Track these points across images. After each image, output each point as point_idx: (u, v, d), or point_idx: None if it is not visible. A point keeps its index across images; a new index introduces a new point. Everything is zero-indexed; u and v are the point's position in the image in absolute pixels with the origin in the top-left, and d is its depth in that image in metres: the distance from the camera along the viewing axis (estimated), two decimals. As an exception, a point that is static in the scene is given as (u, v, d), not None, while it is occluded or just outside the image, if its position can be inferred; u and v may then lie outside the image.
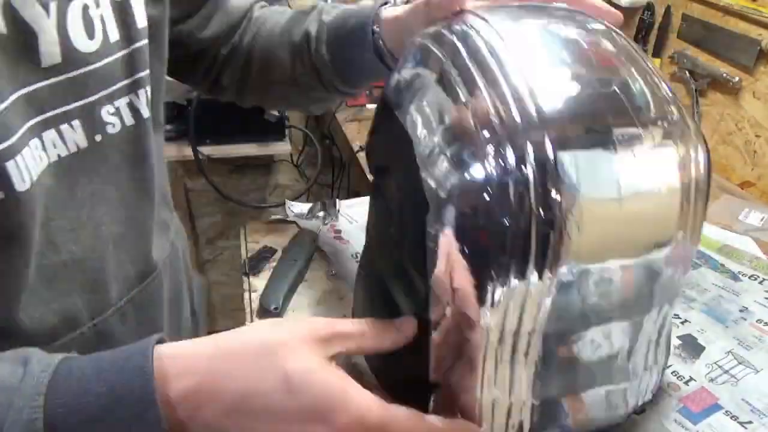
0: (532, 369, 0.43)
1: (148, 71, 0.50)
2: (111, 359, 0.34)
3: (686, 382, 0.57)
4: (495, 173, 0.37)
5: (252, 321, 0.68)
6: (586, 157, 0.38)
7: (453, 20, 0.46)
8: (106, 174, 0.47)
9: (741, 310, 0.67)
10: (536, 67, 0.40)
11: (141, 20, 0.48)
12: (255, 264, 0.75)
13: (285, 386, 0.34)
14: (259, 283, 0.72)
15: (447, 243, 0.39)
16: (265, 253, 0.76)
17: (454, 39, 0.43)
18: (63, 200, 0.44)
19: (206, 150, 1.57)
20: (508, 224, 0.37)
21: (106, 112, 0.46)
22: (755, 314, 0.66)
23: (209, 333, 0.39)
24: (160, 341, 0.36)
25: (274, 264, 0.74)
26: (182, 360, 0.35)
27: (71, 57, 0.42)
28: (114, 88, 0.46)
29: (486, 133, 0.38)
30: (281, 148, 1.71)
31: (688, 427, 0.53)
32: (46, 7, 0.40)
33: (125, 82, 0.47)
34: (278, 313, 0.64)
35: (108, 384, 0.33)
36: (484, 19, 0.44)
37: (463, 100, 0.40)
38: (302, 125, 1.82)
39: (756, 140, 1.09)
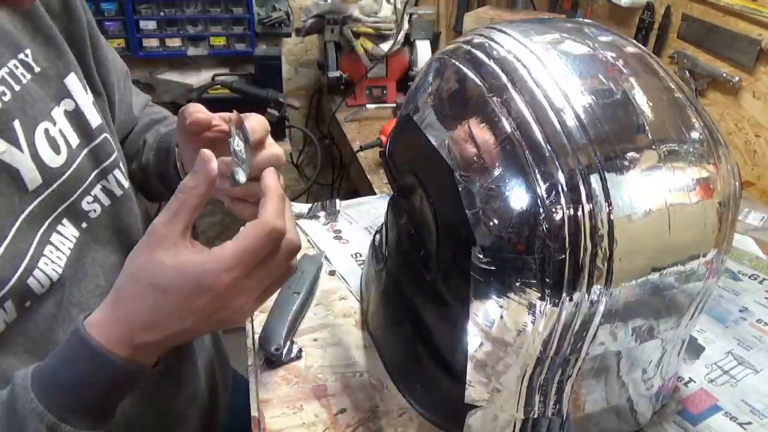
0: (569, 387, 0.44)
1: (114, 156, 0.59)
2: (60, 354, 0.44)
3: (686, 384, 0.57)
4: (546, 200, 0.37)
5: (252, 321, 0.68)
6: (632, 176, 0.37)
7: (477, 36, 0.45)
8: (102, 249, 0.57)
9: (741, 310, 0.67)
10: (569, 86, 0.39)
11: (95, 120, 0.57)
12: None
13: (156, 289, 0.42)
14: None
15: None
16: (265, 254, 0.76)
17: (484, 58, 0.42)
18: (82, 280, 0.55)
19: (206, 150, 1.57)
20: (562, 252, 0.37)
21: (86, 203, 0.56)
22: (755, 314, 0.66)
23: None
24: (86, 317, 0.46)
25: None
26: (100, 319, 0.44)
27: (49, 175, 0.51)
28: (87, 182, 0.56)
29: (531, 158, 0.37)
30: (281, 148, 1.71)
31: (687, 428, 0.53)
32: (18, 146, 0.49)
33: (94, 173, 0.57)
34: (279, 354, 0.59)
35: (69, 362, 0.44)
36: (512, 36, 0.43)
37: (506, 125, 0.39)
38: (302, 125, 1.82)
39: (756, 140, 1.09)
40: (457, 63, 0.43)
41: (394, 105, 1.54)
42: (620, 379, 0.46)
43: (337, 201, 0.87)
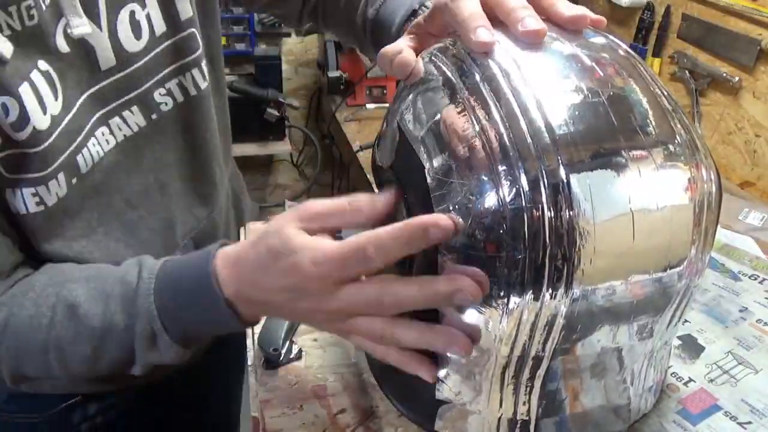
0: (539, 384, 0.44)
1: (197, 54, 0.58)
2: (187, 273, 0.46)
3: (685, 383, 0.57)
4: (508, 200, 0.37)
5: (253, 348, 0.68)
6: (597, 179, 0.37)
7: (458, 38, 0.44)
8: (165, 144, 0.58)
9: (741, 310, 0.67)
10: (543, 88, 0.39)
11: (185, 12, 0.56)
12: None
13: (271, 260, 0.42)
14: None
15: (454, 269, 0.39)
16: (265, 254, 0.76)
17: (465, 57, 0.42)
18: (133, 170, 0.56)
19: (206, 150, 1.57)
20: (521, 252, 0.37)
21: (158, 94, 0.56)
22: (755, 314, 0.66)
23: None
24: (222, 245, 0.47)
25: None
26: (228, 264, 0.45)
27: (123, 58, 0.52)
28: (163, 74, 0.55)
29: (498, 159, 0.38)
30: (281, 147, 1.71)
31: (687, 427, 0.53)
32: (98, 23, 0.49)
33: (172, 67, 0.56)
34: (279, 354, 0.59)
35: (186, 283, 0.46)
36: (495, 35, 0.43)
37: (475, 125, 0.39)
38: (302, 125, 1.82)
39: (756, 140, 1.09)
40: (437, 61, 0.44)
41: (394, 105, 1.54)
42: (613, 378, 0.46)
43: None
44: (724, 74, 1.10)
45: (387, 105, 1.54)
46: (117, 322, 0.46)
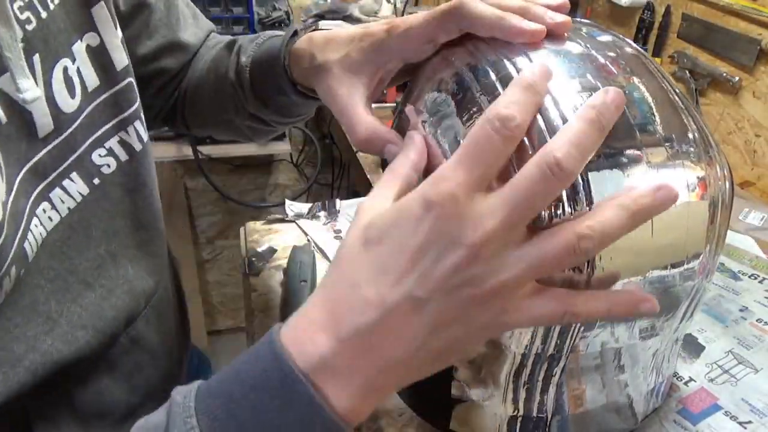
0: (554, 382, 0.44)
1: (136, 105, 0.52)
2: (242, 361, 0.33)
3: (686, 383, 0.57)
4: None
5: (253, 321, 0.68)
6: (615, 176, 0.37)
7: (471, 40, 0.43)
8: (112, 210, 0.51)
9: (741, 310, 0.67)
10: (559, 86, 0.39)
11: (121, 61, 0.50)
12: (255, 263, 0.75)
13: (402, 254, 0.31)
14: (259, 282, 0.72)
15: None
16: (265, 253, 0.76)
17: (479, 56, 0.42)
18: (82, 245, 0.48)
19: (206, 149, 1.57)
20: None
21: (98, 156, 0.49)
22: (755, 314, 0.66)
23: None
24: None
25: (273, 266, 0.74)
26: (301, 334, 0.33)
27: (60, 120, 0.45)
28: (100, 132, 0.49)
29: (514, 157, 0.37)
30: (281, 147, 1.71)
31: (687, 427, 0.53)
32: (35, 84, 0.42)
33: (111, 123, 0.50)
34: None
35: (248, 378, 0.32)
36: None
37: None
38: (302, 125, 1.82)
39: (756, 140, 1.09)
40: (452, 59, 0.44)
41: (394, 105, 1.55)
42: (615, 377, 0.46)
43: (338, 201, 0.87)
44: (724, 74, 1.10)
45: (387, 105, 1.54)
46: None
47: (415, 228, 0.30)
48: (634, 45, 0.45)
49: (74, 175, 0.47)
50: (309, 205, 0.87)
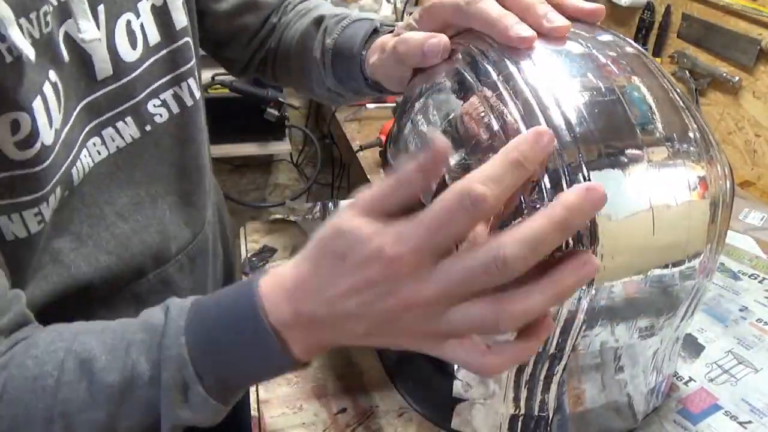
0: (556, 381, 0.44)
1: (191, 64, 0.57)
2: (225, 303, 0.40)
3: (686, 383, 0.57)
4: (523, 198, 0.37)
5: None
6: (617, 175, 0.37)
7: (472, 38, 0.44)
8: (159, 156, 0.56)
9: (741, 310, 0.67)
10: (560, 86, 0.39)
11: (180, 21, 0.55)
12: (255, 263, 0.75)
13: (339, 260, 0.36)
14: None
15: None
16: (265, 253, 0.76)
17: (478, 56, 0.42)
18: (124, 182, 0.54)
19: (206, 150, 1.57)
20: None
21: (152, 106, 0.54)
22: (755, 313, 0.66)
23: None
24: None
25: (273, 266, 0.74)
26: (278, 286, 0.39)
27: (120, 68, 0.51)
28: (157, 84, 0.54)
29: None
30: (281, 147, 1.71)
31: (687, 427, 0.53)
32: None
33: (167, 77, 0.55)
34: None
35: (228, 323, 0.39)
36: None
37: (494, 123, 0.39)
38: (302, 125, 1.82)
39: (756, 140, 1.09)
40: (452, 58, 0.44)
41: (394, 105, 1.54)
42: (614, 376, 0.46)
43: (338, 201, 0.87)
44: (724, 74, 1.10)
45: (387, 105, 1.54)
46: (139, 373, 0.39)
47: (368, 263, 0.34)
48: (635, 45, 0.45)
49: (129, 119, 0.52)
50: (309, 205, 0.87)
